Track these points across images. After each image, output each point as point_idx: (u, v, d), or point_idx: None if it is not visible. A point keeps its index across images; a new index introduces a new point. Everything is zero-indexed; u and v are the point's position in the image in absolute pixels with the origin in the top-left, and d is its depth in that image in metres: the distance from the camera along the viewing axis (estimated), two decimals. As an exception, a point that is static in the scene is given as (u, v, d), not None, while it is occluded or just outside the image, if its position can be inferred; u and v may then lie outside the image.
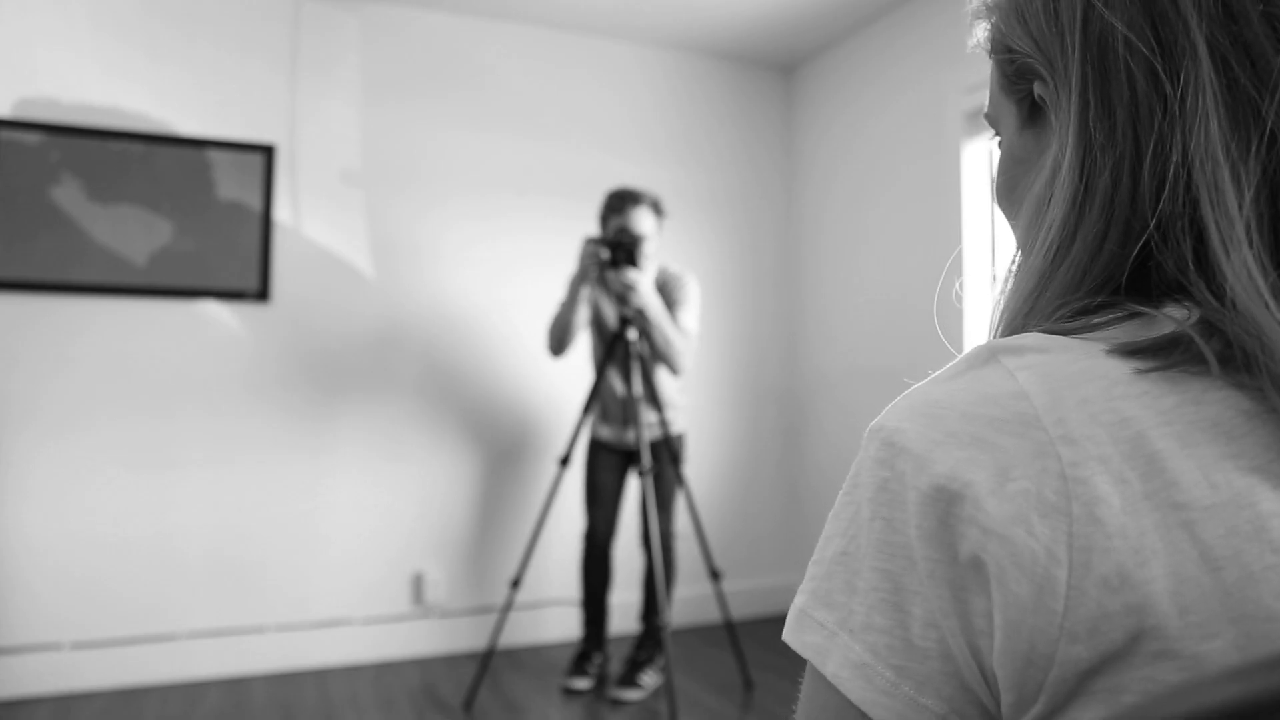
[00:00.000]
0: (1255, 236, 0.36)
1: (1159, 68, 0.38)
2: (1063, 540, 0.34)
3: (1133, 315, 0.39)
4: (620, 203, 2.59)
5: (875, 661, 0.37)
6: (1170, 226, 0.38)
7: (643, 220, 2.57)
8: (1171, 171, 0.38)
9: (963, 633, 0.36)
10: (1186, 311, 0.38)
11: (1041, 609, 0.34)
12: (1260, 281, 0.35)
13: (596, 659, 2.76)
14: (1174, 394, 0.36)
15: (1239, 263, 0.36)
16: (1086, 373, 0.37)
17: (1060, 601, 0.34)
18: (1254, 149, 0.36)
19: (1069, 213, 0.41)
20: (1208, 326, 0.37)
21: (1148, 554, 0.33)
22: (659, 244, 2.73)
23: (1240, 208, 0.36)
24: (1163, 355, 0.36)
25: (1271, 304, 0.35)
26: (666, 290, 2.68)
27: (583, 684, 2.68)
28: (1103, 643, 0.33)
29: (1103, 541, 0.33)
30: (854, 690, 0.38)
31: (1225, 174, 0.36)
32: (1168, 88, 0.38)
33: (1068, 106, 0.41)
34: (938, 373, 0.41)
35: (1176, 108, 0.38)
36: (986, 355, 0.39)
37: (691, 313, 2.67)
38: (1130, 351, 0.37)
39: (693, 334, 2.66)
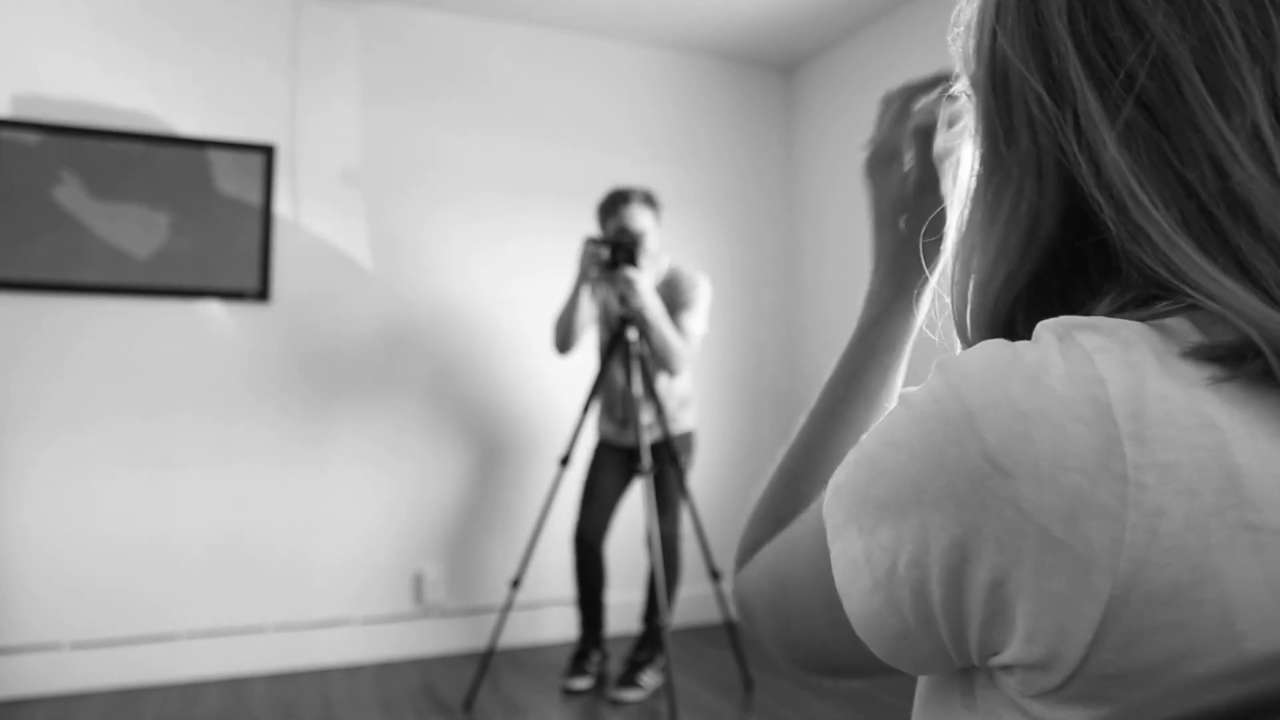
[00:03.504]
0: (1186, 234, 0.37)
1: (1045, 97, 0.40)
2: (1113, 547, 0.32)
3: (1192, 307, 0.37)
4: (612, 205, 2.64)
5: (865, 565, 0.39)
6: (1115, 234, 0.39)
7: (638, 216, 2.61)
8: (1085, 191, 0.39)
9: (943, 587, 0.36)
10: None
11: (1076, 613, 0.33)
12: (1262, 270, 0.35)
13: (595, 657, 2.75)
14: (1254, 405, 0.33)
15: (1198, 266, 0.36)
16: (1167, 370, 0.34)
17: (1099, 609, 0.32)
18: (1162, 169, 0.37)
19: (985, 228, 0.44)
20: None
21: (1207, 573, 0.31)
22: (659, 236, 2.73)
23: (1168, 220, 0.37)
24: (1238, 363, 0.34)
25: None
26: (676, 291, 2.69)
27: (582, 684, 2.68)
28: (1138, 657, 0.32)
29: (1157, 556, 0.32)
30: (839, 575, 0.41)
31: (1137, 189, 0.37)
32: (1058, 113, 0.40)
33: (980, 129, 0.45)
34: (1013, 341, 0.38)
35: (1073, 134, 0.39)
36: (1061, 331, 0.37)
37: (698, 315, 2.68)
38: (1209, 356, 0.34)
39: (695, 336, 2.66)
